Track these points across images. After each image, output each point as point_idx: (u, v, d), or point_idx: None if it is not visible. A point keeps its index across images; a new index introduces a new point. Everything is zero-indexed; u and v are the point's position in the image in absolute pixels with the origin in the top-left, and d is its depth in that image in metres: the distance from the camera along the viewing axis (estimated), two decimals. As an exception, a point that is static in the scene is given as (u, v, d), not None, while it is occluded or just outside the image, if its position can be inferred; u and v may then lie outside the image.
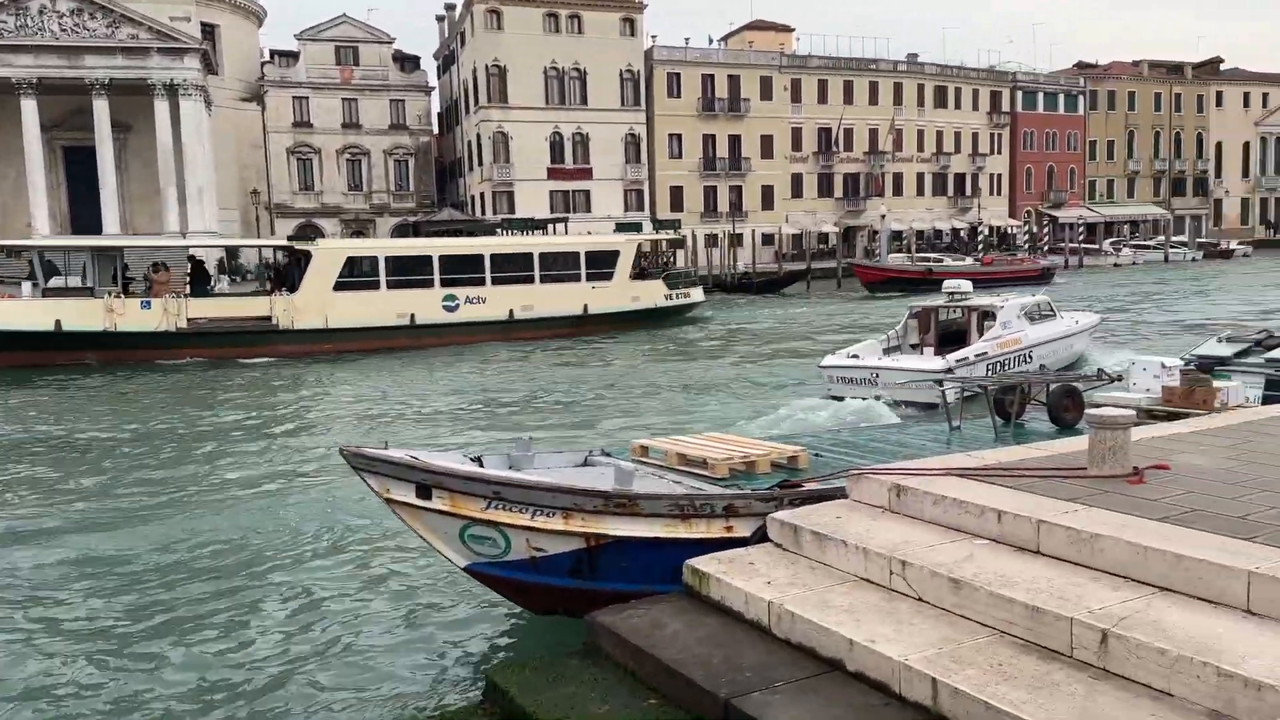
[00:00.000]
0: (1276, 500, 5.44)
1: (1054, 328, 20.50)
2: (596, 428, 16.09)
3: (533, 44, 60.17)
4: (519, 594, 7.07)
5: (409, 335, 29.63)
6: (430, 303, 30.59)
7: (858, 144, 71.22)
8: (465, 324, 30.68)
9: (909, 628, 4.94)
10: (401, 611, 7.98)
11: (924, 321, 19.75)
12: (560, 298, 32.56)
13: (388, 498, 6.69)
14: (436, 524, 6.69)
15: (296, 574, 8.95)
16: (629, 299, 34.45)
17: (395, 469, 6.60)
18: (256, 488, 12.38)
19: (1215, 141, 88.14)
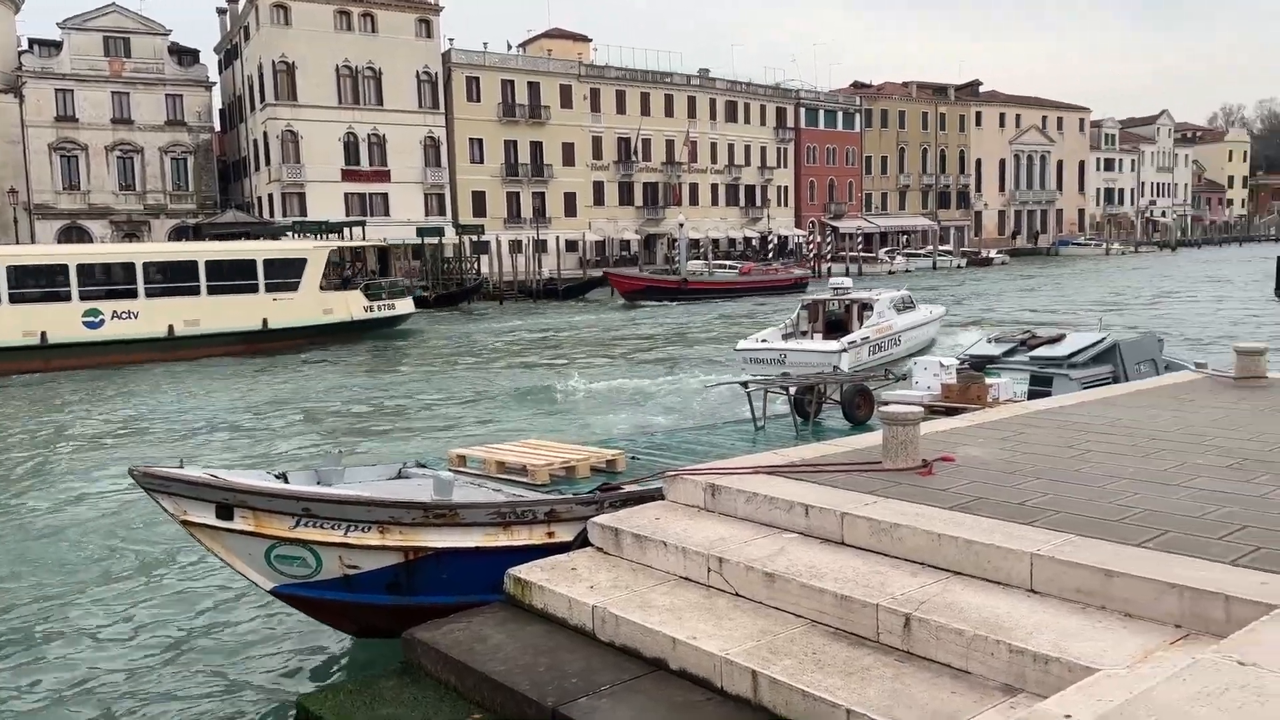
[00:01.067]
0: (1049, 487, 5.98)
1: (915, 317, 24.40)
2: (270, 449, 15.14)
3: (324, 41, 57.97)
4: (332, 615, 6.77)
5: (39, 357, 26.38)
6: (67, 319, 26.98)
7: (656, 154, 72.96)
8: (112, 342, 27.34)
9: (728, 623, 5.09)
10: (202, 642, 7.46)
11: (814, 313, 23.44)
12: (232, 311, 29.48)
13: (184, 520, 6.25)
14: (239, 546, 6.31)
15: (82, 610, 8.18)
16: (320, 311, 31.60)
17: (193, 489, 6.20)
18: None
19: (975, 158, 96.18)
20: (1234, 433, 7.44)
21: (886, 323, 22.79)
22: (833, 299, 23.60)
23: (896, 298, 24.07)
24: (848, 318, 23.09)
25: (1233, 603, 4.05)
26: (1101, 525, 5.10)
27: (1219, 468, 6.30)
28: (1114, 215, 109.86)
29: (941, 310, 27.66)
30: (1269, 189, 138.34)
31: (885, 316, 22.91)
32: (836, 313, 23.40)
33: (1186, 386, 9.96)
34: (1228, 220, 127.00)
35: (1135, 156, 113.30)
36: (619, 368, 23.90)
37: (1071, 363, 11.09)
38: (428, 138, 62.22)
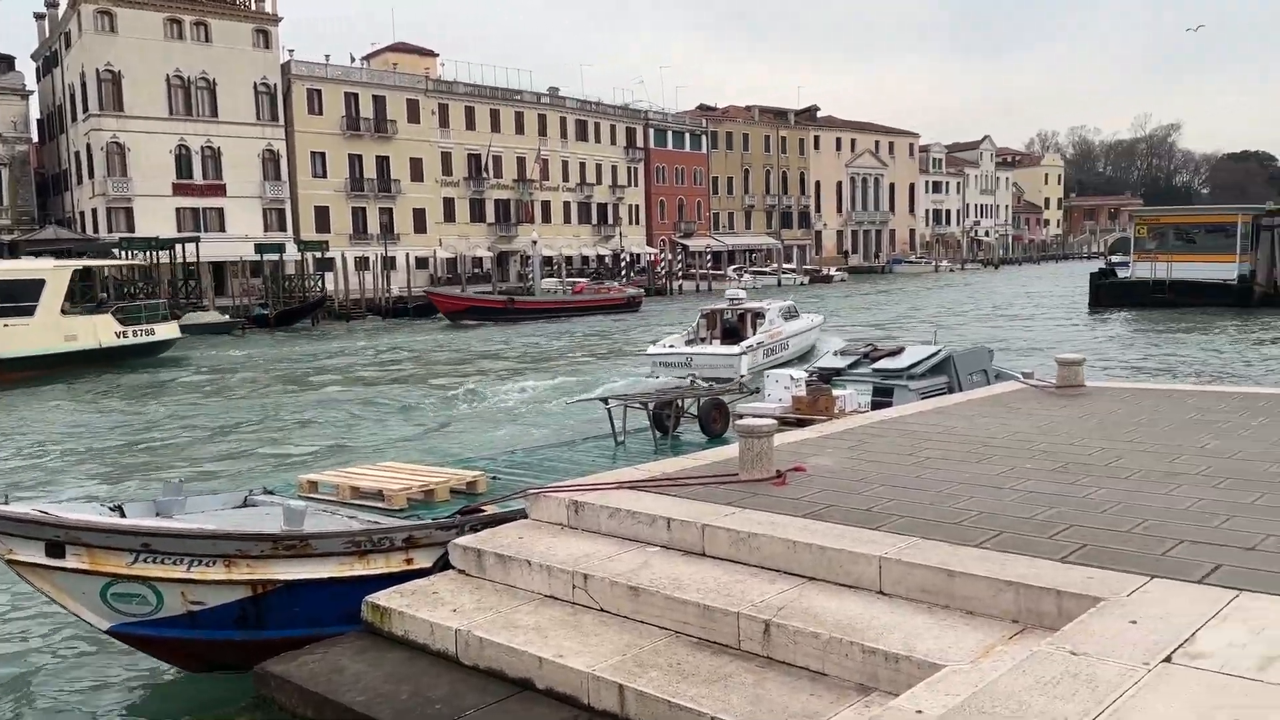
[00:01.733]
0: (893, 493, 6.29)
1: (800, 324, 27.26)
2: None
3: (153, 50, 55.15)
4: (175, 654, 6.41)
5: None
6: None
7: (507, 171, 72.67)
8: None
9: (594, 639, 5.12)
10: (30, 690, 6.88)
11: (711, 320, 25.83)
12: None
13: (10, 559, 5.81)
14: (72, 585, 5.91)
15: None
16: (60, 338, 28.24)
17: (19, 526, 5.77)
18: None
19: (815, 180, 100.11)
20: (1057, 438, 8.01)
21: (777, 329, 25.59)
22: (729, 308, 26.14)
23: (784, 307, 26.90)
24: (742, 325, 25.67)
25: (1063, 597, 4.36)
26: (942, 527, 5.41)
27: (1046, 471, 6.77)
28: (942, 235, 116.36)
29: (820, 319, 30.67)
30: (1081, 210, 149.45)
31: (775, 324, 25.66)
32: (731, 321, 25.84)
33: (1014, 395, 10.65)
34: (1045, 239, 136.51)
35: (960, 180, 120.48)
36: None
37: (910, 374, 11.67)
38: (266, 151, 59.99)
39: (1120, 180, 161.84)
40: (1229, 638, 3.72)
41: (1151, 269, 42.56)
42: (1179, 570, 4.53)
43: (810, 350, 26.24)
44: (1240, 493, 5.97)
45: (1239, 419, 8.70)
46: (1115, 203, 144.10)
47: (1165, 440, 7.80)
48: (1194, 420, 8.72)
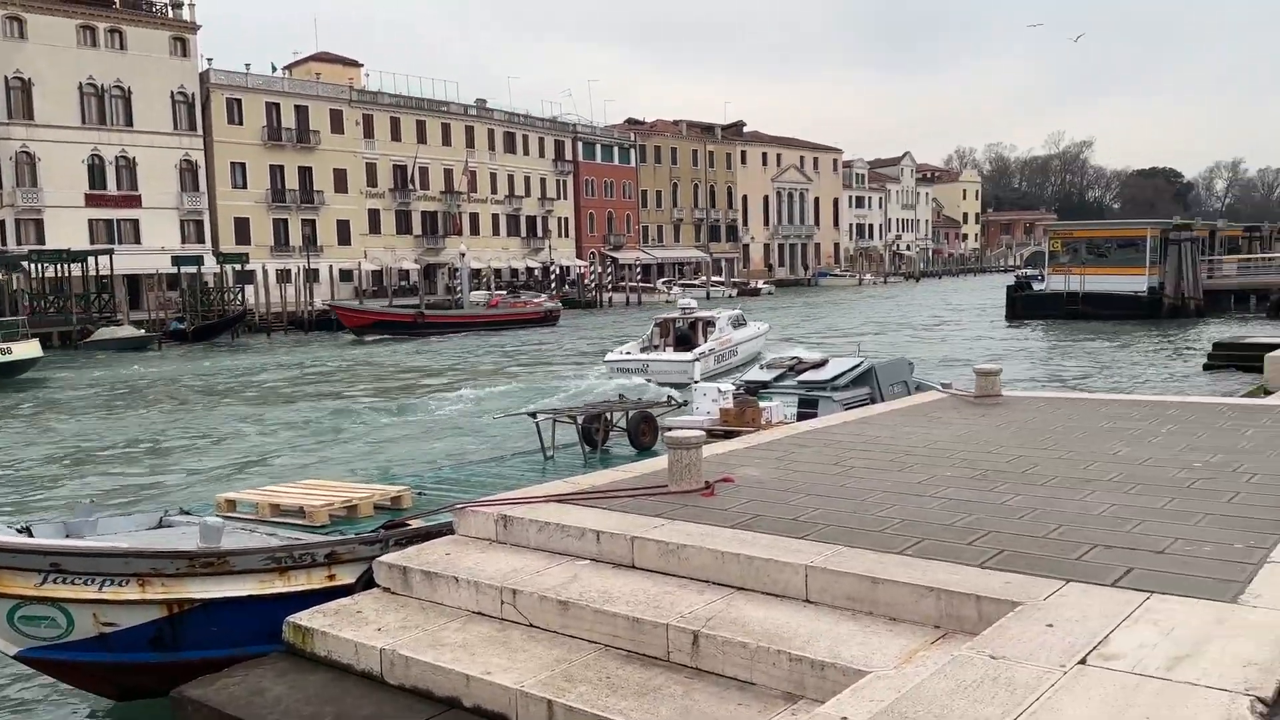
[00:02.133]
0: (818, 503, 6.37)
1: (748, 332, 29.24)
2: None
3: (65, 57, 53.43)
4: (88, 678, 6.16)
5: None
6: None
7: (434, 183, 71.99)
8: None
9: (522, 654, 5.07)
10: None
11: (664, 329, 27.66)
12: None
13: None
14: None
15: None
16: None
17: None
18: None
19: (742, 194, 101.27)
20: (976, 446, 8.21)
21: (726, 336, 27.47)
22: (680, 317, 28.00)
23: (733, 316, 29.05)
24: (694, 333, 27.28)
25: (983, 602, 4.46)
26: (866, 535, 5.50)
27: (965, 478, 6.93)
28: (865, 249, 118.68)
29: (766, 326, 32.61)
30: (998, 224, 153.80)
31: (725, 331, 27.57)
32: (683, 329, 27.44)
33: (934, 405, 10.89)
34: (964, 253, 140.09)
35: (882, 195, 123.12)
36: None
37: (834, 385, 11.89)
38: (184, 161, 58.50)
39: (1035, 196, 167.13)
40: (1140, 639, 3.85)
41: (1065, 282, 44.00)
42: (1093, 574, 4.68)
43: (757, 355, 27.04)
44: (1150, 498, 6.18)
45: (1149, 426, 9.02)
46: (1030, 218, 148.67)
47: (1079, 447, 8.04)
48: (1106, 428, 9.02)
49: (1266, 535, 5.23)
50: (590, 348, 37.98)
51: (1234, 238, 58.98)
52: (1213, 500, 6.07)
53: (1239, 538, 5.19)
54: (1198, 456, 7.50)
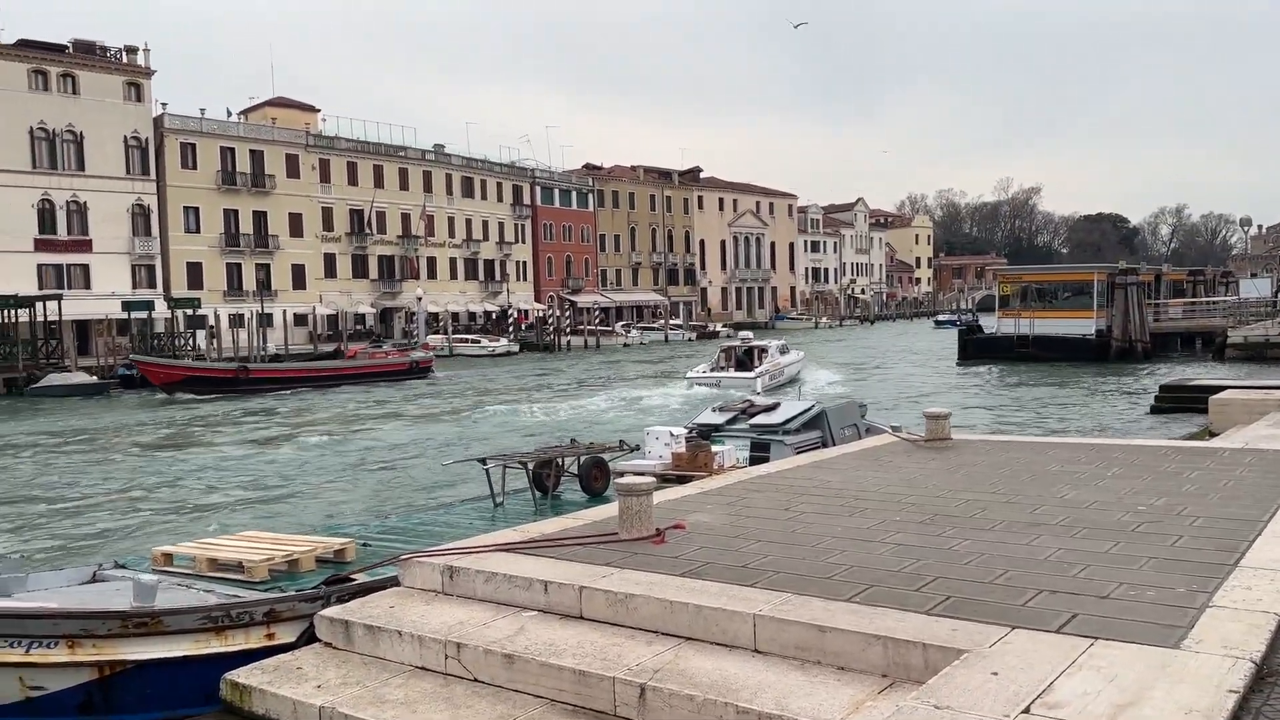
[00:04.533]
0: (769, 549, 6.33)
1: (791, 358, 37.82)
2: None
3: (16, 101, 52.83)
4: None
5: None
6: None
7: (391, 227, 71.82)
8: None
9: (465, 710, 4.95)
10: None
11: (729, 354, 36.76)
12: None
13: None
14: None
15: None
16: None
17: None
18: None
19: (699, 238, 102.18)
20: (925, 491, 8.25)
21: (776, 360, 35.77)
22: (740, 345, 37.39)
23: (780, 345, 38.16)
24: (749, 358, 35.86)
25: (929, 650, 4.44)
26: (815, 582, 5.46)
27: (914, 523, 6.94)
28: (821, 292, 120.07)
29: (802, 354, 40.67)
30: (950, 268, 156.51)
31: (775, 357, 36.09)
32: (742, 355, 36.30)
33: (885, 449, 10.95)
34: (917, 297, 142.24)
35: (837, 240, 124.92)
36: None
37: (785, 429, 11.89)
38: (136, 205, 57.85)
39: (986, 240, 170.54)
40: (1084, 686, 3.85)
41: (1015, 325, 44.73)
42: (1038, 620, 4.68)
43: (797, 377, 34.99)
44: (1096, 542, 6.23)
45: (1095, 469, 9.13)
46: (981, 262, 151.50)
47: (1028, 491, 8.11)
48: (1055, 471, 9.11)
49: (1208, 579, 5.28)
50: (449, 408, 32.88)
51: (1179, 281, 60.53)
52: (1157, 544, 6.13)
53: (1182, 582, 5.24)
54: (1143, 499, 7.59)
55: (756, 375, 32.73)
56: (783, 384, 33.15)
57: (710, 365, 36.20)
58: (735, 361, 35.71)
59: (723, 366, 35.55)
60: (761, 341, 37.97)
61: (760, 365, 34.45)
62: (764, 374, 33.27)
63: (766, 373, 33.62)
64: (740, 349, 36.68)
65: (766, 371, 33.79)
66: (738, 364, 35.34)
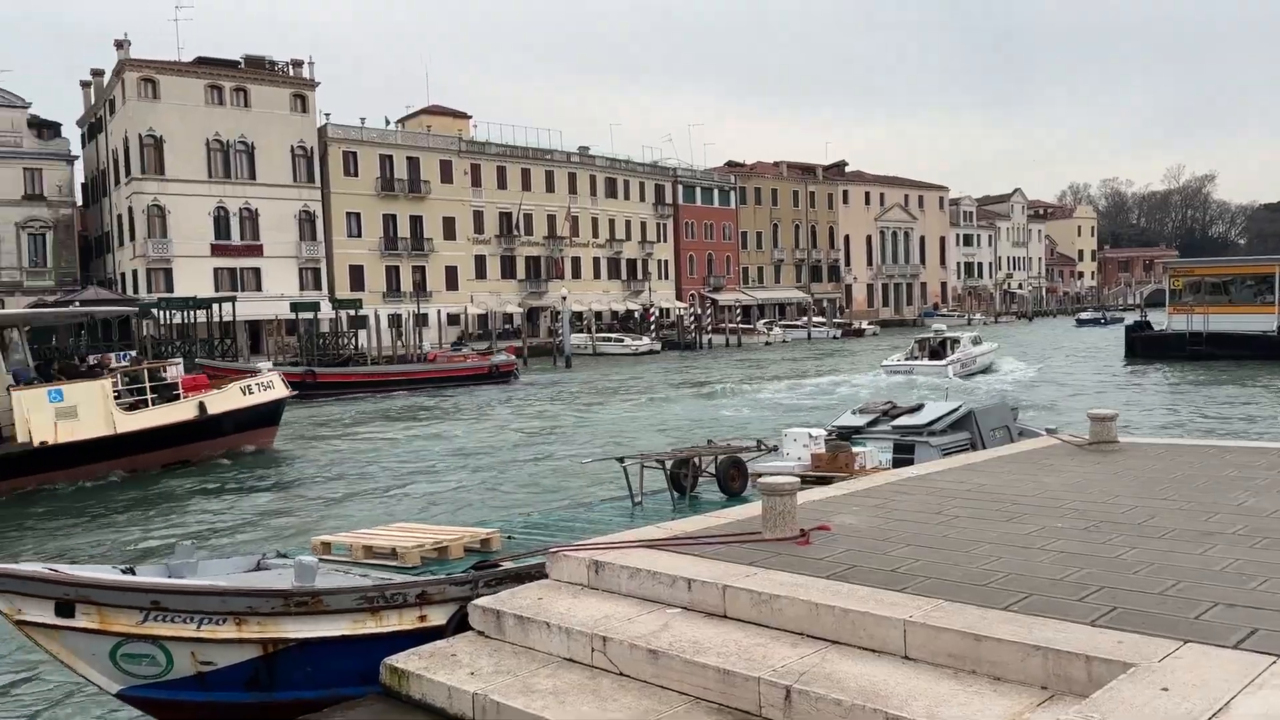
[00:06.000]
0: (920, 553, 6.16)
1: (983, 348, 41.74)
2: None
3: (194, 115, 56.75)
4: (185, 717, 6.23)
5: None
6: None
7: (538, 228, 73.55)
8: None
9: (612, 704, 5.02)
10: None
11: (923, 345, 40.03)
12: None
13: (19, 620, 5.71)
14: (81, 645, 5.79)
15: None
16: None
17: (29, 584, 5.68)
18: None
19: (844, 234, 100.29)
20: (1089, 496, 7.84)
21: (968, 352, 39.19)
22: (933, 337, 40.30)
23: (972, 336, 42.31)
24: (942, 348, 38.98)
25: (1093, 662, 4.22)
26: (969, 589, 5.28)
27: (1077, 530, 6.61)
28: (974, 288, 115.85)
29: (995, 345, 44.82)
30: (1115, 262, 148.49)
31: (966, 348, 39.57)
32: (935, 345, 39.38)
33: (1043, 451, 10.47)
34: (1079, 291, 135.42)
35: (992, 232, 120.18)
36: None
37: (931, 430, 11.49)
38: (303, 211, 61.20)
39: (1155, 232, 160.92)
40: (1265, 706, 3.58)
41: (1187, 321, 42.02)
42: (1213, 634, 4.38)
43: (990, 366, 39.84)
44: (1278, 553, 5.79)
45: (1276, 476, 8.48)
46: (1149, 254, 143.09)
47: (1200, 498, 7.60)
48: (1231, 477, 8.51)
49: None
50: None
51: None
52: (1351, 557, 5.64)
53: (1380, 599, 4.81)
54: (1334, 509, 7.00)
55: (947, 363, 35.85)
56: (975, 372, 37.31)
57: (904, 355, 39.37)
58: (929, 352, 38.60)
59: (916, 356, 38.55)
60: (954, 333, 41.64)
61: (952, 355, 37.55)
62: (955, 362, 36.41)
63: (958, 361, 36.81)
64: (934, 340, 39.58)
65: (958, 360, 36.89)
66: (931, 354, 38.29)
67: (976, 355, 39.83)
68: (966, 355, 38.86)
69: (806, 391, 35.19)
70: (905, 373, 36.50)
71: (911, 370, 36.46)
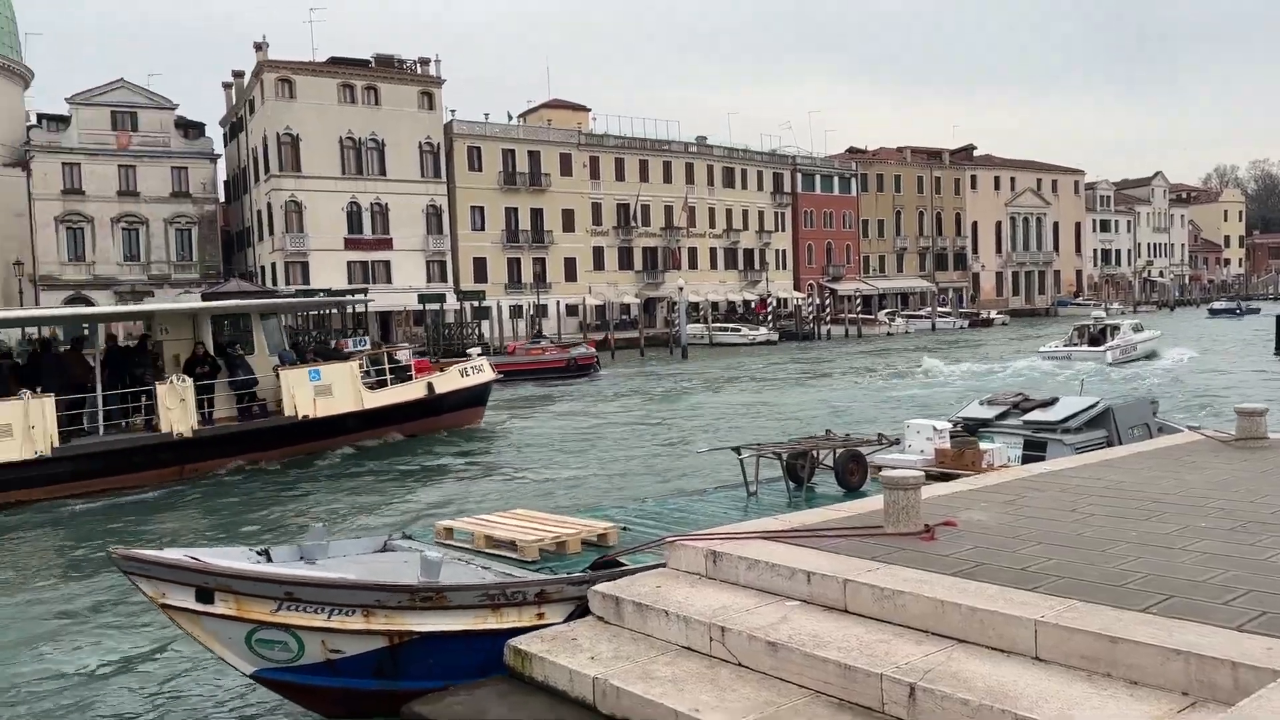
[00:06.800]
0: (1052, 552, 5.95)
1: (1144, 335, 41.84)
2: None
3: (327, 113, 59.03)
4: (316, 699, 6.54)
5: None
6: None
7: (655, 219, 73.77)
8: None
9: (730, 694, 5.03)
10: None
11: (1081, 332, 40.55)
12: None
13: (163, 604, 6.07)
14: (219, 630, 6.13)
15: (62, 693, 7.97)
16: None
17: (172, 572, 6.03)
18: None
19: (971, 221, 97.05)
20: (1235, 495, 7.42)
21: (1128, 338, 39.75)
22: (1093, 324, 40.68)
23: (1133, 323, 42.60)
24: (1102, 335, 39.42)
25: (1240, 669, 4.01)
26: (1105, 590, 5.07)
27: (1222, 530, 6.27)
28: (1111, 276, 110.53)
29: (1158, 332, 45.16)
30: (1265, 248, 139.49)
31: (1126, 335, 40.14)
32: (1094, 332, 39.76)
33: (1186, 448, 9.94)
34: (1225, 279, 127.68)
35: (1131, 218, 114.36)
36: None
37: (1065, 427, 11.01)
38: (430, 206, 63.00)
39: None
40: None
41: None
42: (1378, 646, 4.10)
43: (1152, 353, 39.88)
44: None
45: None
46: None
47: (1364, 499, 7.10)
48: (1399, 477, 7.91)
49: None
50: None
51: None
52: None
53: None
54: None
55: (1106, 349, 36.39)
56: (1135, 359, 37.28)
57: (1063, 341, 40.29)
58: (1088, 338, 39.20)
59: (1075, 343, 39.29)
60: (1114, 320, 42.63)
61: (1111, 341, 37.99)
62: (1114, 348, 36.82)
63: (1117, 347, 37.22)
64: (1094, 327, 40.12)
65: (1117, 346, 37.28)
66: (1091, 340, 38.82)
67: (1137, 342, 39.78)
68: (1126, 342, 38.87)
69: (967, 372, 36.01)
70: (1063, 359, 36.60)
71: (1069, 356, 36.56)
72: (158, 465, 17.69)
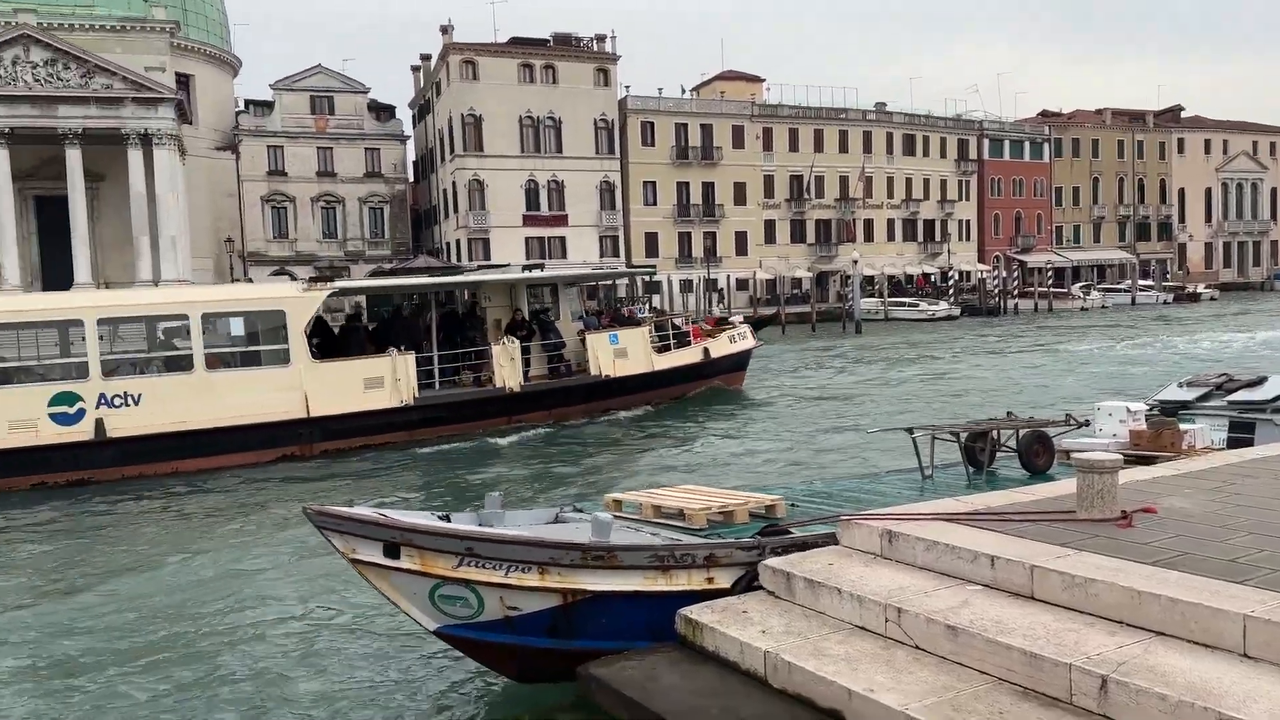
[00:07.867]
0: (1265, 543, 5.48)
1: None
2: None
3: (508, 93, 60.78)
4: (493, 657, 6.78)
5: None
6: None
7: (829, 191, 72.22)
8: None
9: (907, 676, 4.92)
10: (368, 682, 7.60)
11: None
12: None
13: (353, 558, 6.38)
14: (405, 584, 6.40)
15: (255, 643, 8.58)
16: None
17: (361, 527, 6.32)
18: (208, 552, 11.95)
19: (1178, 187, 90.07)
20: None
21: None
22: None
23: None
24: None
25: None
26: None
27: None
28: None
29: None
30: None
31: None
32: None
33: None
34: None
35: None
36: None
37: (1275, 408, 10.09)
38: (603, 182, 63.99)
39: None
40: None
41: None
42: None
43: None
44: None
45: None
46: None
47: None
48: None
49: None
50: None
51: None
52: None
53: None
54: None
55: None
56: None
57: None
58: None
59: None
60: None
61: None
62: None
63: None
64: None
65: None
66: None
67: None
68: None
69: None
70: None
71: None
72: (488, 416, 20.30)
